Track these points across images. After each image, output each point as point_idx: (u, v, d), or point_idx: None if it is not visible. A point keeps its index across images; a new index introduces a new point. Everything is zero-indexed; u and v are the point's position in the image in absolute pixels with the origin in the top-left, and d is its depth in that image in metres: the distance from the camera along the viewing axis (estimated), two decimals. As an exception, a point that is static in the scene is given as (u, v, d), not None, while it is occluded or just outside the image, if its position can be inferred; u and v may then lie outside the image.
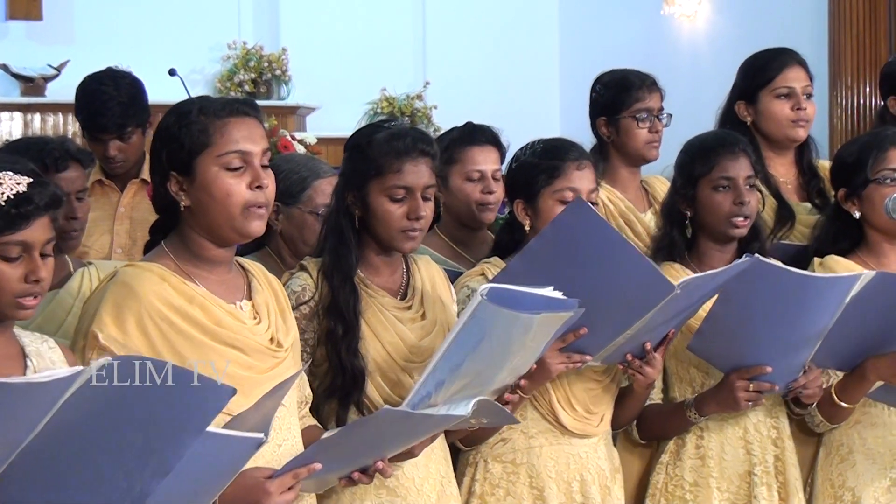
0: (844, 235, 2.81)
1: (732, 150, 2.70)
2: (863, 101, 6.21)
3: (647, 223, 3.13)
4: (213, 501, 1.93)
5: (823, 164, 3.29)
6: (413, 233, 2.36)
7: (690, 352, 2.61)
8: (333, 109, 7.63)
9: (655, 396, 2.71)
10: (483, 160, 3.07)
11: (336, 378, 2.32)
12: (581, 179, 2.56)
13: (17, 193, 1.85)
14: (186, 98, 2.22)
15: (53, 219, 1.91)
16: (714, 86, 3.36)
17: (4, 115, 7.19)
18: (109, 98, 3.30)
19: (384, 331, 2.38)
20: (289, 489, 1.96)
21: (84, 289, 2.52)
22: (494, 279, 2.37)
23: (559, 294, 2.10)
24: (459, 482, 2.55)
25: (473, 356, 2.08)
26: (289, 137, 6.58)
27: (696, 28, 7.45)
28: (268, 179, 2.09)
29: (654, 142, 3.19)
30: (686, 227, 2.73)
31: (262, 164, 2.09)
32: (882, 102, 3.45)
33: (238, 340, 2.08)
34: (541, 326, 2.14)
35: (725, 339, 2.53)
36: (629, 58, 4.01)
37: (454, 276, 2.66)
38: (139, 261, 2.15)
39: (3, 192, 1.85)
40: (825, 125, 6.28)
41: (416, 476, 2.36)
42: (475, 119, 3.20)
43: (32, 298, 1.90)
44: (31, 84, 7.39)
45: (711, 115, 3.34)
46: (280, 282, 2.30)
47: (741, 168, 2.69)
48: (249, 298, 2.16)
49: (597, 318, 2.30)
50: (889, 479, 2.71)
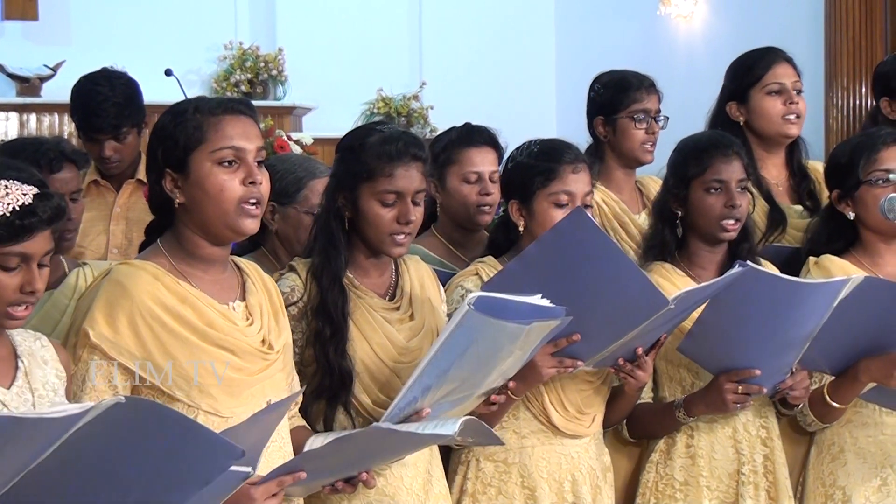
0: (839, 236, 2.81)
1: (726, 153, 2.70)
2: (859, 102, 6.21)
3: (641, 224, 3.12)
4: None
5: (815, 165, 3.30)
6: (402, 237, 2.36)
7: (681, 353, 2.62)
8: (330, 110, 7.62)
9: (645, 396, 2.72)
10: (480, 161, 3.07)
11: (324, 379, 2.33)
12: (576, 182, 2.56)
13: (23, 205, 1.83)
14: (184, 98, 2.22)
15: (54, 230, 1.90)
16: (710, 86, 3.36)
17: (0, 116, 7.19)
18: (105, 98, 3.30)
19: (372, 332, 2.38)
20: (273, 495, 1.97)
21: (79, 289, 2.51)
22: (490, 281, 2.38)
23: (547, 302, 2.11)
24: (451, 480, 2.57)
25: (460, 362, 2.08)
26: (285, 138, 6.59)
27: (693, 29, 7.45)
28: (262, 176, 2.08)
29: (650, 143, 3.19)
30: (677, 227, 2.74)
31: (257, 162, 2.09)
32: (875, 103, 3.45)
33: (229, 342, 2.08)
34: (528, 335, 2.14)
35: (715, 342, 2.54)
36: (625, 58, 4.02)
37: (451, 278, 2.66)
38: (134, 259, 2.15)
39: (9, 204, 1.82)
40: (821, 126, 6.28)
41: (405, 475, 2.36)
42: (471, 119, 3.20)
43: (24, 308, 1.88)
44: (27, 84, 7.38)
45: (708, 116, 3.34)
46: (275, 282, 2.30)
47: (734, 171, 2.69)
48: (243, 299, 2.16)
49: (591, 327, 2.31)
50: (880, 479, 2.72)
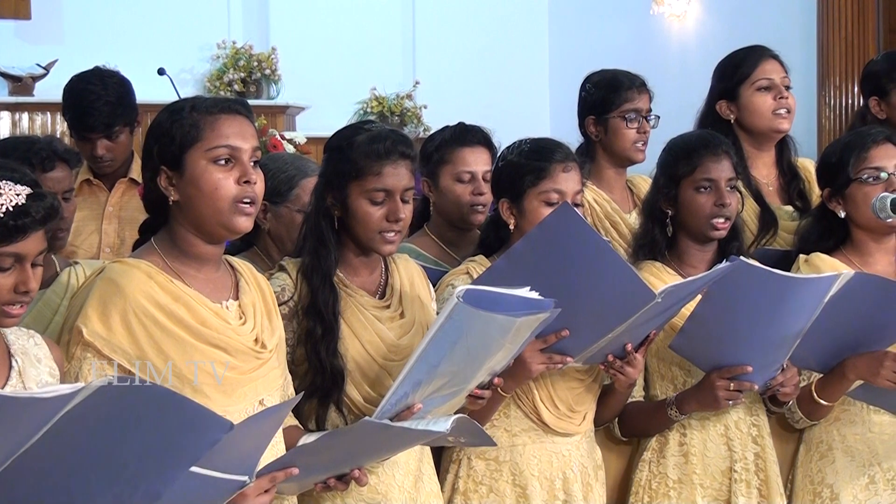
0: (829, 234, 2.82)
1: (715, 152, 2.71)
2: (851, 101, 6.22)
3: (632, 224, 3.13)
4: None
5: (805, 163, 3.30)
6: (391, 235, 2.37)
7: (672, 350, 2.63)
8: (323, 109, 7.61)
9: (637, 394, 2.72)
10: (474, 161, 3.07)
11: (316, 378, 2.33)
12: (567, 181, 2.56)
13: (16, 206, 1.84)
14: (177, 97, 2.22)
15: (48, 230, 1.90)
16: (703, 85, 3.37)
17: (-8, 115, 7.19)
18: (97, 97, 3.30)
19: (363, 330, 2.39)
20: (265, 492, 1.98)
21: (71, 288, 2.51)
22: (478, 278, 2.39)
23: (536, 294, 2.11)
24: (443, 479, 2.57)
25: (450, 356, 2.09)
26: (278, 137, 6.58)
27: (686, 28, 7.46)
28: (257, 176, 2.09)
29: (642, 143, 3.20)
30: (667, 226, 2.74)
31: (252, 162, 2.10)
32: (864, 102, 3.46)
33: (222, 340, 2.09)
34: (518, 328, 2.15)
35: (707, 339, 2.55)
36: (618, 57, 4.01)
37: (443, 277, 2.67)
38: (127, 257, 2.16)
39: (2, 204, 1.83)
40: (814, 125, 6.30)
41: (397, 474, 2.37)
42: (465, 118, 3.20)
43: (18, 307, 1.89)
44: (20, 83, 7.37)
45: (696, 116, 3.34)
46: (268, 281, 2.31)
47: (723, 169, 2.70)
48: (236, 298, 2.17)
49: (579, 322, 2.32)
50: (867, 477, 2.73)
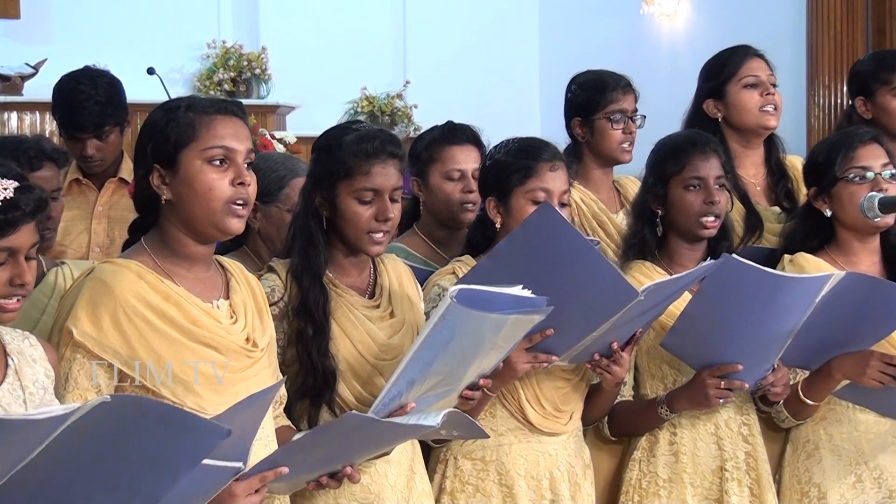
0: (815, 234, 2.82)
1: (704, 150, 2.72)
2: (840, 101, 6.23)
3: (619, 224, 3.14)
4: None
5: (793, 161, 3.31)
6: (380, 235, 2.37)
7: (664, 349, 2.63)
8: (313, 108, 7.60)
9: (626, 393, 2.73)
10: (463, 159, 3.08)
11: (307, 378, 2.33)
12: (554, 180, 2.56)
13: (5, 199, 1.85)
14: (167, 97, 2.22)
15: (38, 222, 1.92)
16: (693, 85, 3.37)
17: (-18, 114, 7.16)
18: (87, 97, 3.29)
19: (354, 330, 2.39)
20: (255, 491, 1.97)
21: (58, 288, 2.51)
22: (463, 278, 2.39)
23: (528, 293, 2.11)
24: (431, 479, 2.57)
25: (444, 356, 2.09)
26: (269, 136, 6.58)
27: (676, 27, 7.47)
28: (250, 178, 2.10)
29: (628, 143, 3.21)
30: (657, 226, 2.75)
31: (246, 164, 2.10)
32: (851, 102, 3.48)
33: (213, 339, 2.09)
34: (511, 326, 2.15)
35: (698, 337, 2.55)
36: (609, 57, 4.03)
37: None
38: (117, 257, 2.16)
39: None
40: (803, 124, 6.31)
41: (390, 472, 2.37)
42: (455, 118, 3.20)
43: (15, 301, 1.91)
44: (9, 83, 7.34)
45: (683, 117, 3.35)
46: (259, 281, 2.31)
47: (712, 168, 2.71)
48: (227, 297, 2.17)
49: (563, 320, 2.32)
50: (854, 476, 2.73)
